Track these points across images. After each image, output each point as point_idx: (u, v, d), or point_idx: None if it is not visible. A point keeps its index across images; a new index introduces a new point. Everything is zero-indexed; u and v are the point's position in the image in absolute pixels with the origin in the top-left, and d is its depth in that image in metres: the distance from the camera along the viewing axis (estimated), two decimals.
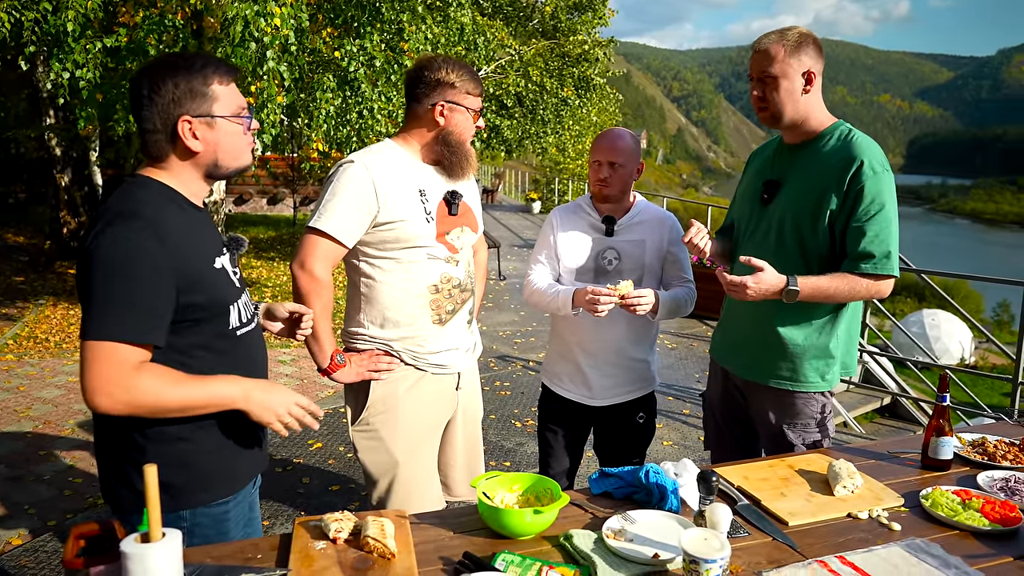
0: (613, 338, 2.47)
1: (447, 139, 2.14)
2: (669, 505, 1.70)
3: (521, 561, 1.48)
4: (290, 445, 4.43)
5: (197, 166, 1.56)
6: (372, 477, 2.18)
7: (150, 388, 1.43)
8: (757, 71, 2.11)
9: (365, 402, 2.15)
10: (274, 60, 5.18)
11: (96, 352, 1.40)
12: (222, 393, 1.52)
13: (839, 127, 2.13)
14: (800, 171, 2.14)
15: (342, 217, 2.03)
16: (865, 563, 1.50)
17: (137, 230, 1.42)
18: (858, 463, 2.00)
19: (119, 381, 1.41)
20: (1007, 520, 1.65)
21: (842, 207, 2.04)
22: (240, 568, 1.44)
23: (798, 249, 2.11)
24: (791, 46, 2.06)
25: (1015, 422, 2.39)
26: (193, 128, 1.51)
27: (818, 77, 2.10)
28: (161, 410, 1.47)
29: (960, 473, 1.95)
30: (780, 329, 2.15)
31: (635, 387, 2.54)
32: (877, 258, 2.02)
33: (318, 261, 2.05)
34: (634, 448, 2.58)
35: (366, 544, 1.48)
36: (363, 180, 2.04)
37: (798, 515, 1.70)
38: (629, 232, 2.49)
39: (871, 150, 2.04)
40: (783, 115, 2.11)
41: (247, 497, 1.71)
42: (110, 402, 1.42)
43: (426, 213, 2.12)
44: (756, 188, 2.26)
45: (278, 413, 1.58)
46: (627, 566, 1.47)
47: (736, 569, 1.48)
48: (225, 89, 1.55)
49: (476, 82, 2.17)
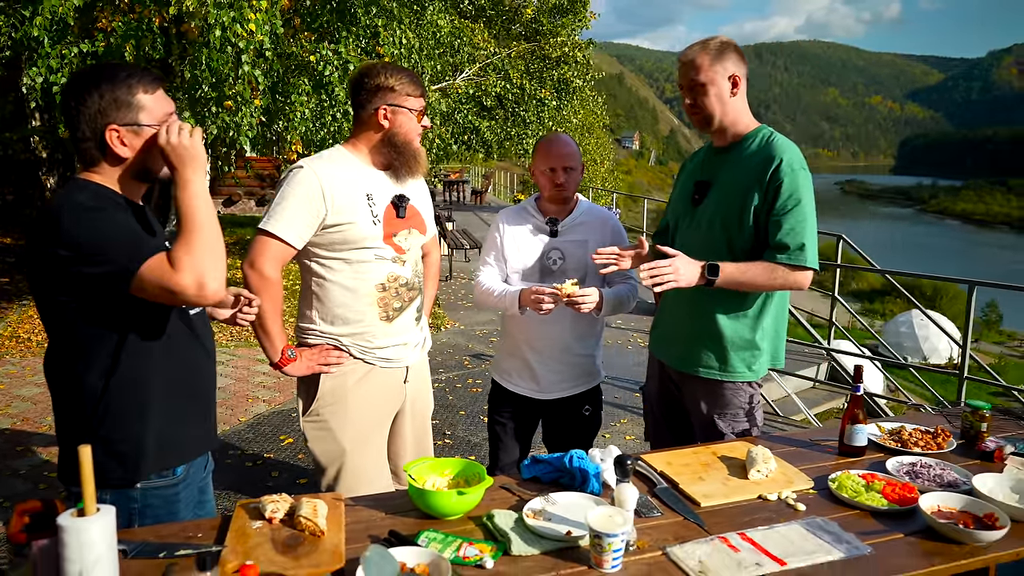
0: (559, 335, 2.58)
1: (393, 140, 2.24)
2: (591, 488, 1.81)
3: (443, 538, 1.59)
4: (262, 440, 4.53)
5: (128, 171, 1.67)
6: (321, 465, 2.29)
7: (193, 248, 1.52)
8: (686, 80, 2.25)
9: (316, 394, 2.25)
10: (248, 65, 5.29)
11: (153, 264, 1.50)
12: (196, 193, 1.59)
13: (762, 130, 2.27)
14: (727, 172, 2.28)
15: (291, 220, 2.14)
16: (764, 539, 1.62)
17: (90, 203, 1.55)
18: (780, 450, 2.12)
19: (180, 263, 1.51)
20: (904, 500, 1.77)
21: (763, 202, 2.17)
22: (180, 545, 1.55)
23: (726, 244, 2.24)
24: (714, 54, 2.20)
25: (936, 411, 2.52)
26: (120, 136, 1.62)
27: (743, 81, 2.24)
28: (215, 250, 1.55)
29: (874, 459, 2.08)
30: (710, 322, 2.27)
31: (581, 381, 2.65)
32: (792, 249, 2.14)
33: (267, 261, 2.16)
34: (581, 439, 2.69)
35: (299, 523, 1.58)
36: (311, 184, 2.15)
37: (712, 497, 1.81)
38: (572, 232, 2.60)
39: (790, 150, 2.18)
40: (714, 118, 2.24)
41: (197, 479, 1.82)
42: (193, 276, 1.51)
43: (373, 216, 2.22)
44: (688, 189, 2.39)
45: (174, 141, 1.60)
46: (541, 542, 1.58)
47: (642, 544, 1.60)
48: (150, 97, 1.64)
49: (416, 84, 2.26)
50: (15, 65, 6.98)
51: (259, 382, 5.71)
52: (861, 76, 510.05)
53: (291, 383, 5.69)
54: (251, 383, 5.69)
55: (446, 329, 7.70)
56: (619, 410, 5.29)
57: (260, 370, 6.04)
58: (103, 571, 1.28)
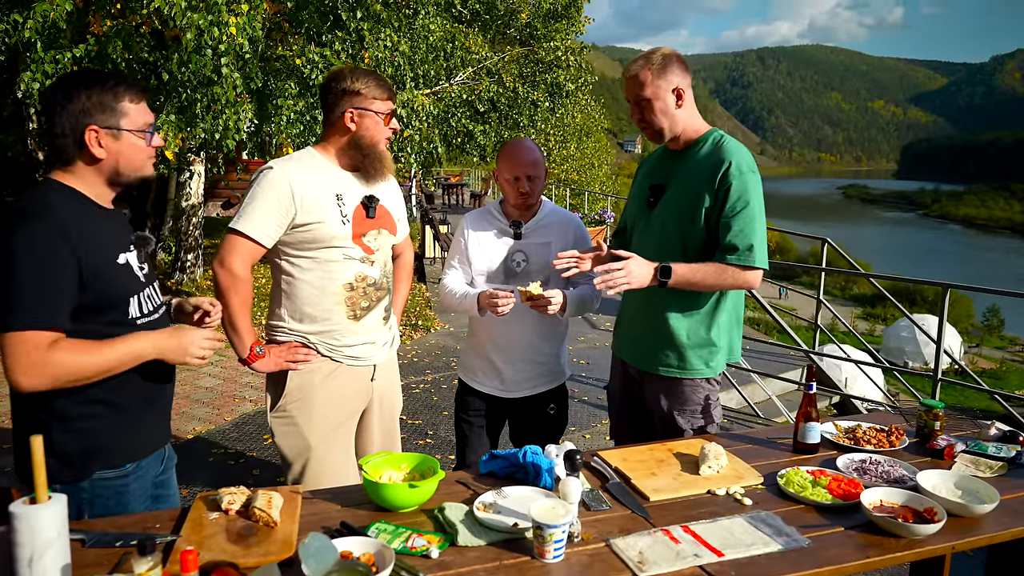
0: (523, 335, 2.63)
1: (359, 143, 2.30)
2: (543, 482, 1.85)
3: (393, 529, 1.64)
4: (246, 440, 4.58)
5: (100, 172, 1.73)
6: (287, 460, 2.33)
7: (65, 361, 1.61)
8: (632, 96, 2.30)
9: (283, 390, 2.30)
10: (228, 68, 5.35)
11: (11, 341, 1.58)
12: (133, 349, 1.70)
13: (712, 134, 2.33)
14: (680, 175, 2.33)
15: (260, 219, 2.20)
16: (705, 531, 1.66)
17: (41, 227, 1.60)
18: (735, 447, 2.17)
19: (37, 362, 1.58)
20: (848, 495, 1.81)
21: (714, 205, 2.23)
22: (137, 535, 1.59)
23: (680, 245, 2.29)
24: (656, 69, 2.24)
25: (894, 411, 2.56)
26: (99, 137, 1.69)
27: (688, 91, 2.29)
28: (81, 378, 1.64)
29: (826, 456, 2.12)
30: (667, 321, 2.32)
31: (545, 380, 2.70)
32: (741, 250, 2.20)
33: (237, 259, 2.21)
34: (547, 437, 2.74)
35: (253, 514, 1.63)
36: (280, 184, 2.20)
37: (661, 491, 1.86)
38: (536, 235, 2.65)
39: (739, 153, 2.24)
40: (664, 131, 2.31)
41: (151, 473, 1.87)
42: (32, 381, 1.59)
43: (342, 216, 2.28)
44: (644, 192, 2.44)
45: (188, 351, 1.77)
46: (487, 533, 1.62)
47: (587, 536, 1.64)
48: (134, 106, 1.74)
49: (383, 88, 2.31)
50: (13, 68, 7.05)
51: (246, 382, 5.76)
52: (864, 80, 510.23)
53: None
54: (239, 383, 5.74)
55: (436, 331, 7.75)
56: (601, 411, 5.33)
57: (248, 371, 6.09)
58: (53, 556, 1.32)
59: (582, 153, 24.74)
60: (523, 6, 11.98)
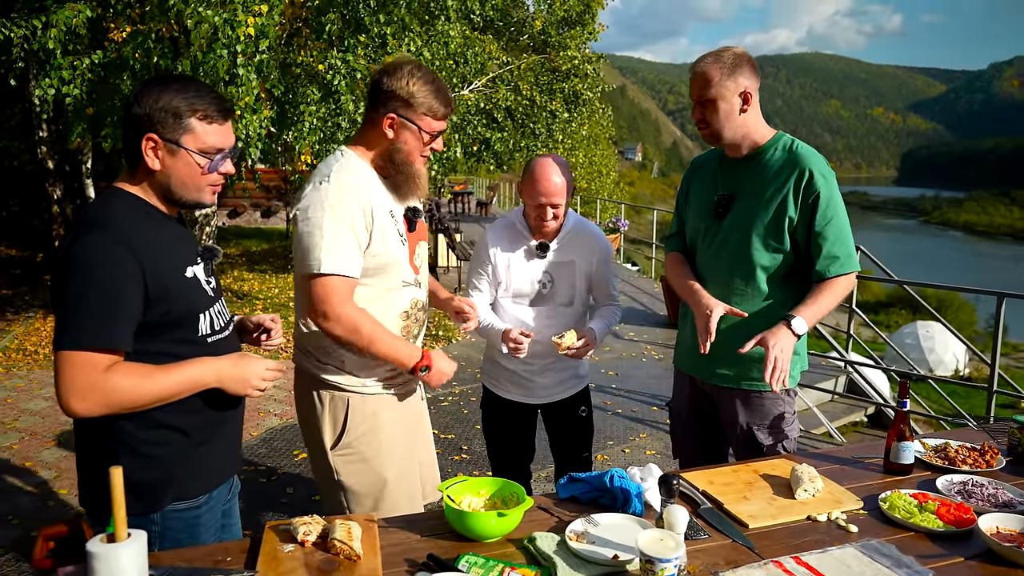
0: (544, 349, 2.56)
1: (393, 156, 2.00)
2: (633, 508, 1.74)
3: (484, 563, 1.51)
4: (276, 456, 4.46)
5: (154, 185, 1.60)
6: (354, 494, 2.07)
7: (122, 386, 1.48)
8: (696, 94, 2.19)
9: (345, 424, 2.07)
10: (244, 67, 5.23)
11: (67, 361, 1.45)
12: (194, 376, 1.57)
13: (781, 139, 2.23)
14: (751, 184, 2.22)
15: (345, 250, 1.89)
16: (819, 563, 1.54)
17: (107, 238, 1.48)
18: (822, 468, 2.04)
19: (92, 386, 1.45)
20: (961, 522, 1.69)
21: (802, 216, 2.14)
22: (209, 570, 1.47)
23: (758, 258, 2.20)
24: (727, 69, 2.13)
25: (978, 428, 2.44)
26: (156, 148, 1.56)
27: (755, 95, 2.18)
28: (138, 405, 1.51)
29: (922, 477, 2.00)
30: (745, 336, 2.20)
31: (570, 384, 2.69)
32: (842, 258, 2.15)
33: (337, 304, 1.89)
34: (581, 441, 2.73)
35: (333, 546, 1.51)
36: (353, 204, 1.91)
37: (758, 518, 1.74)
38: (561, 252, 2.58)
39: (817, 158, 2.16)
40: (723, 135, 2.20)
41: (220, 502, 1.75)
42: (85, 406, 1.46)
43: (400, 235, 2.04)
44: (708, 201, 2.32)
45: (251, 383, 1.65)
46: (587, 567, 1.51)
47: (693, 569, 1.52)
48: (205, 125, 1.57)
49: (440, 102, 1.98)
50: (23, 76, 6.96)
51: (270, 395, 5.64)
52: (863, 88, 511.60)
53: None
54: (263, 397, 5.62)
55: (457, 341, 7.63)
56: (637, 424, 5.20)
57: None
58: None
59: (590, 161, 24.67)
60: (537, 13, 11.92)
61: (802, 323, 2.11)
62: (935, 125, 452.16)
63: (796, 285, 2.23)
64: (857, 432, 5.90)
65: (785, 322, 2.10)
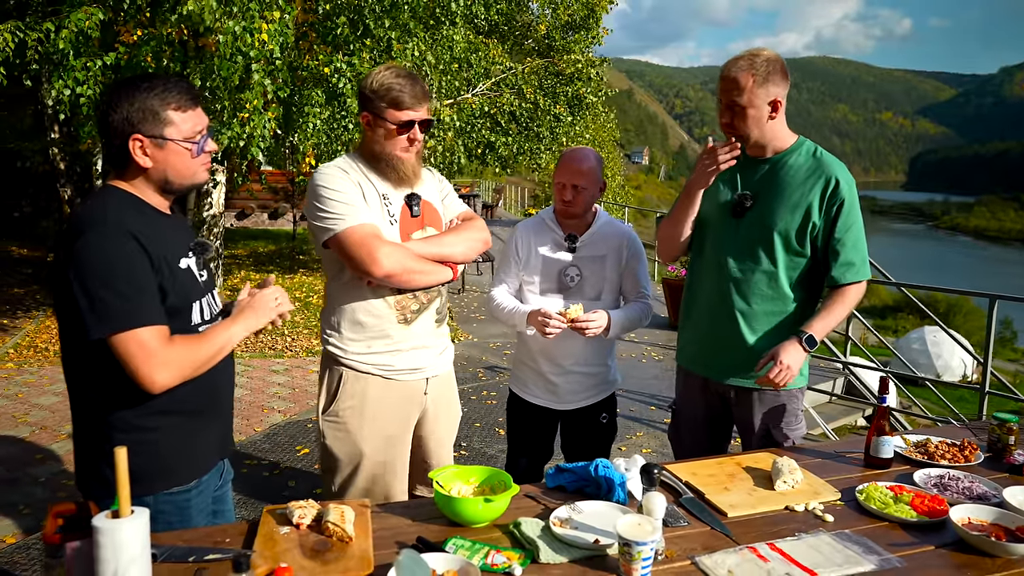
0: (574, 348, 2.59)
1: (372, 149, 2.22)
2: (616, 497, 1.80)
3: (471, 545, 1.58)
4: (278, 451, 4.54)
5: (149, 180, 1.70)
6: (336, 460, 2.26)
7: (186, 354, 1.62)
8: (726, 98, 2.22)
9: (337, 392, 2.25)
10: (259, 74, 5.34)
11: (134, 340, 1.55)
12: (227, 334, 1.73)
13: (805, 144, 2.29)
14: (774, 186, 2.27)
15: (356, 207, 2.13)
16: (792, 549, 1.61)
17: (110, 229, 1.57)
18: (804, 461, 2.10)
19: (165, 357, 1.58)
20: (934, 512, 1.75)
21: (825, 222, 2.23)
22: (208, 549, 1.55)
23: (774, 259, 2.27)
24: (760, 77, 2.16)
25: (962, 426, 2.50)
26: (144, 147, 1.65)
27: (783, 102, 2.23)
28: (200, 368, 1.66)
29: (901, 471, 2.06)
30: (765, 337, 2.29)
31: (597, 391, 2.67)
32: (857, 265, 2.24)
33: (373, 247, 2.09)
34: (599, 446, 2.71)
35: (326, 529, 1.59)
36: (347, 179, 2.17)
37: (738, 507, 1.80)
38: (590, 247, 2.61)
39: (841, 167, 2.24)
40: (749, 139, 2.26)
41: (211, 488, 1.83)
42: (168, 375, 1.59)
43: (390, 216, 2.22)
44: (729, 197, 2.35)
45: (271, 307, 1.83)
46: (568, 550, 1.57)
47: (671, 554, 1.59)
48: (180, 115, 1.68)
49: (403, 95, 2.14)
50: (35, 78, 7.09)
51: (274, 392, 5.72)
52: (871, 92, 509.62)
53: (306, 394, 5.70)
54: (266, 393, 5.71)
55: (460, 341, 7.70)
56: (635, 423, 5.26)
57: (275, 380, 6.06)
58: (137, 572, 1.28)
59: None
60: (542, 17, 12.00)
61: (814, 340, 2.21)
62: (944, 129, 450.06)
63: (808, 286, 2.31)
64: (854, 433, 5.94)
65: (797, 337, 2.18)
